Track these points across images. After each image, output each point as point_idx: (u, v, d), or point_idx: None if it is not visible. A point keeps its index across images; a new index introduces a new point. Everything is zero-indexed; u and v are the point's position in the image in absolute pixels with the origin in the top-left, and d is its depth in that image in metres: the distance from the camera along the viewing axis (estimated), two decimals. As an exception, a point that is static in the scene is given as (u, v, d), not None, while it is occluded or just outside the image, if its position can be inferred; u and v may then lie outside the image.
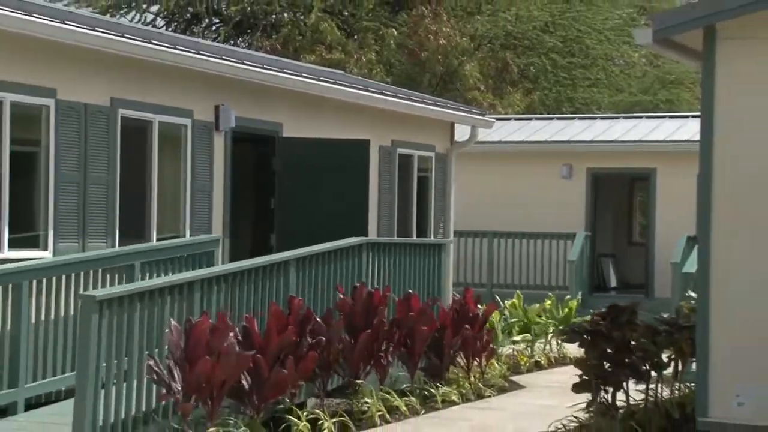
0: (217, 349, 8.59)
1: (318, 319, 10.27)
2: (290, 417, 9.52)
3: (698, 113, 9.20)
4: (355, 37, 30.44)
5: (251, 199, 14.55)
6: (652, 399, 10.94)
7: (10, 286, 9.57)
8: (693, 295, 10.88)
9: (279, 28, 30.96)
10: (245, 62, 13.26)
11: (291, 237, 13.00)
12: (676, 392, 11.45)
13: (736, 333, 8.78)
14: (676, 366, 11.25)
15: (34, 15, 10.30)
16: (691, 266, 13.70)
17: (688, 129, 21.22)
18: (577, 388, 10.22)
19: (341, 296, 11.00)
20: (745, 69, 8.83)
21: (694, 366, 9.95)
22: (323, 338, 10.16)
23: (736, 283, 8.80)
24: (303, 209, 13.79)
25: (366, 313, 10.84)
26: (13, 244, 10.54)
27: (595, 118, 25.08)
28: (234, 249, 13.39)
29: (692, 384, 10.19)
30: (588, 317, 11.53)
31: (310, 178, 13.88)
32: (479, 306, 12.88)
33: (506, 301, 16.99)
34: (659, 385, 11.13)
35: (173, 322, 8.64)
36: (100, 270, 10.49)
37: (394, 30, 30.02)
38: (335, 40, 29.19)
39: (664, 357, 11.05)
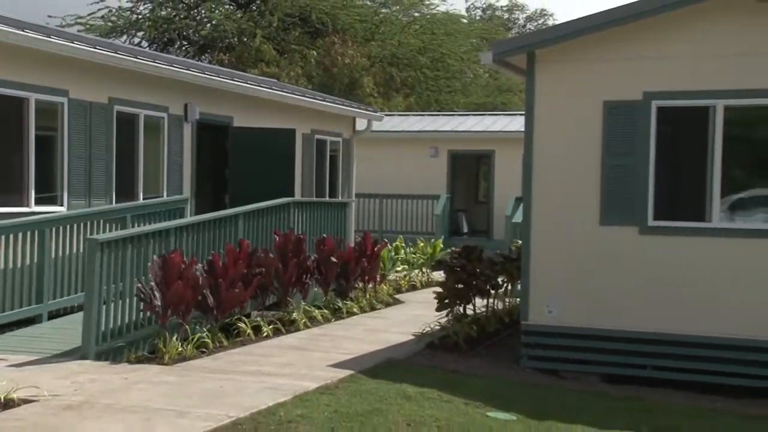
0: (187, 277, 8.50)
1: (261, 254, 10.22)
2: (240, 324, 9.47)
3: (524, 112, 9.31)
4: (286, 56, 30.11)
5: (211, 170, 14.35)
6: (491, 309, 11.16)
7: (36, 231, 9.37)
8: (519, 242, 11.08)
9: (232, 49, 30.49)
10: (206, 72, 13.11)
11: (240, 197, 12.88)
12: (508, 304, 11.70)
13: (546, 263, 8.97)
14: (507, 287, 11.48)
15: (52, 37, 10.06)
16: (518, 218, 13.96)
17: (517, 123, 21.44)
18: (440, 304, 10.36)
19: (277, 238, 10.95)
20: (551, 82, 8.97)
21: (519, 286, 10.16)
22: (263, 269, 10.11)
23: (544, 228, 8.98)
24: (248, 178, 13.66)
25: (294, 250, 10.81)
26: (38, 202, 10.30)
27: (453, 115, 25.18)
28: (198, 206, 13.23)
29: (518, 299, 10.41)
30: (448, 251, 11.68)
31: (253, 156, 13.76)
32: (375, 246, 12.91)
33: (393, 243, 17.09)
34: (496, 300, 11.36)
35: (155, 257, 8.53)
36: (101, 220, 10.34)
37: (314, 52, 29.80)
38: (272, 59, 28.86)
39: (500, 280, 11.26)
